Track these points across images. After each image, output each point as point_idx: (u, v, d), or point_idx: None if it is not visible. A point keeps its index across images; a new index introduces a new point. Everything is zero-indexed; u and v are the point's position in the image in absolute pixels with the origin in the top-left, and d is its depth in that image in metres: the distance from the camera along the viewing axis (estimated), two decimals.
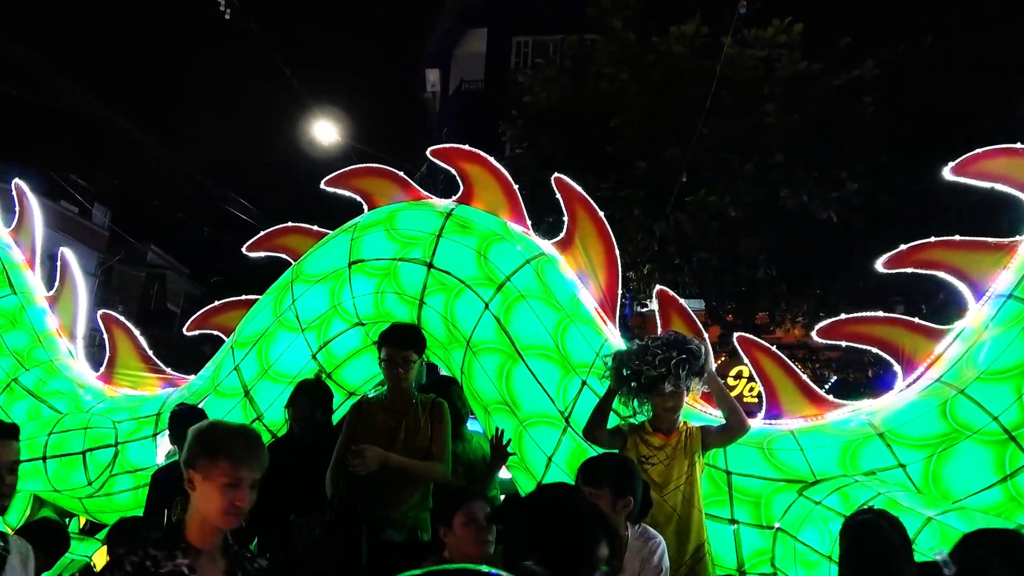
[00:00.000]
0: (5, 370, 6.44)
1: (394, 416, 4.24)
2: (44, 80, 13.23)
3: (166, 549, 2.30)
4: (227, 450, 2.34)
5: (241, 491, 2.33)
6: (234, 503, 2.32)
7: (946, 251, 4.68)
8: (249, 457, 2.37)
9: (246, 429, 2.50)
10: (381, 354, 4.30)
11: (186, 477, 2.37)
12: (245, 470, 2.35)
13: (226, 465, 2.32)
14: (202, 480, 2.34)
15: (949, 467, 4.04)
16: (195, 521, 2.37)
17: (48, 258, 7.40)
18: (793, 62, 10.81)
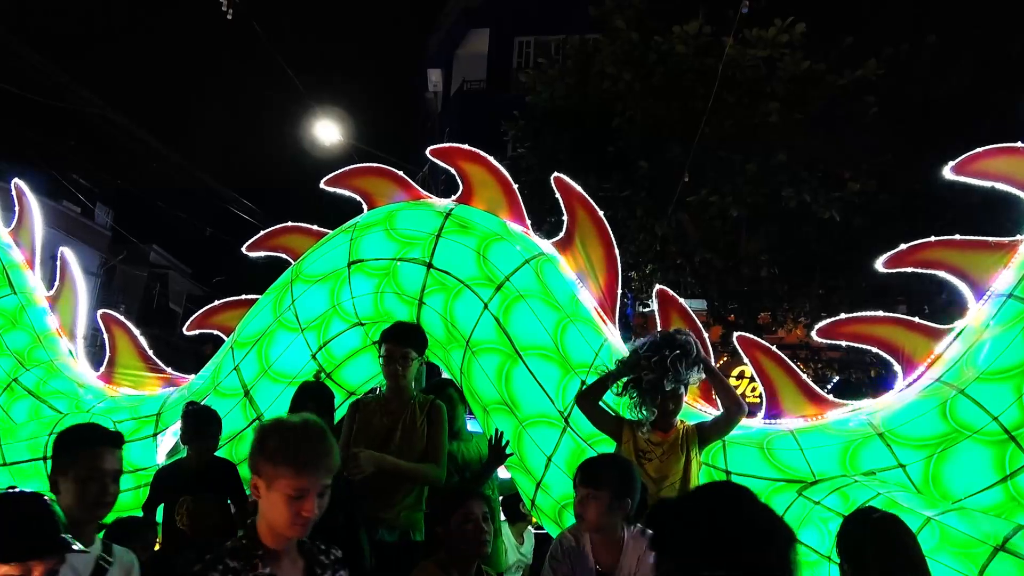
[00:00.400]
0: (6, 370, 6.45)
1: (391, 416, 4.23)
2: (46, 80, 13.24)
3: (244, 559, 2.20)
4: (290, 458, 2.18)
5: (307, 501, 2.18)
6: (300, 514, 2.18)
7: (946, 251, 4.67)
8: (315, 465, 2.21)
9: (311, 429, 2.27)
10: (381, 351, 4.31)
11: (252, 483, 2.25)
12: (310, 480, 2.19)
13: (289, 475, 2.17)
14: (266, 489, 2.21)
15: (949, 467, 4.03)
16: (264, 527, 2.26)
17: (51, 258, 7.41)
18: (795, 62, 10.79)
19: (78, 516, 2.50)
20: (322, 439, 2.25)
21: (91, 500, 2.55)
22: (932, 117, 10.42)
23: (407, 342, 4.30)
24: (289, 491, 2.17)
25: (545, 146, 12.33)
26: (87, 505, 2.55)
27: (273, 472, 2.19)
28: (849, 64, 10.77)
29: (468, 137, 7.61)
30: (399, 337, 4.31)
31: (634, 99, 11.46)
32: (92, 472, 2.56)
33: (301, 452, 2.20)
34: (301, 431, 2.25)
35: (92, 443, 2.65)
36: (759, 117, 10.82)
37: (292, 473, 2.17)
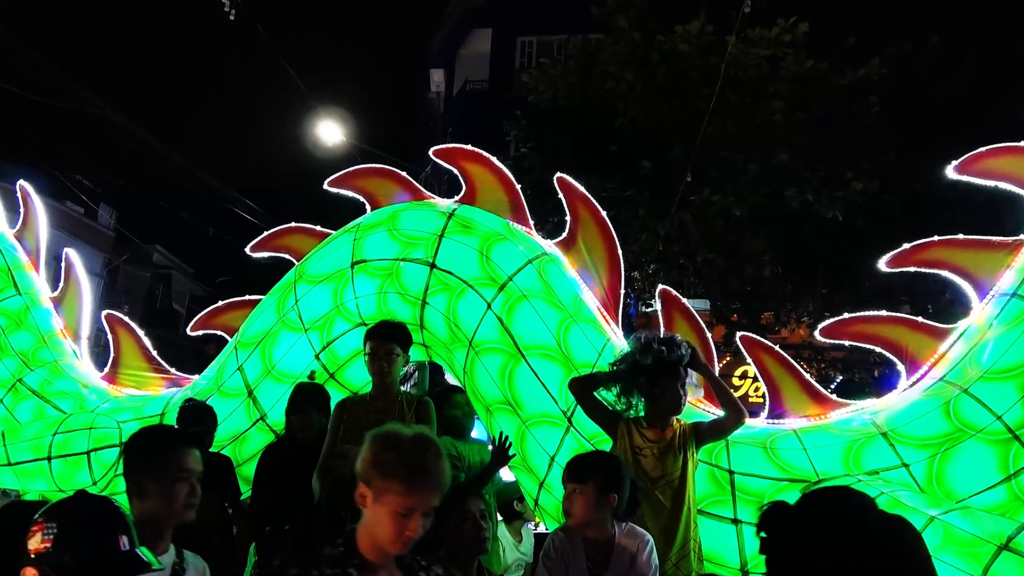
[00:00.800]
0: (10, 370, 6.47)
1: (378, 414, 4.24)
2: (50, 81, 13.27)
3: (340, 566, 2.14)
4: (404, 475, 2.10)
5: (413, 520, 2.10)
6: (404, 532, 2.11)
7: (949, 250, 4.67)
8: (427, 485, 2.13)
9: (427, 445, 2.18)
10: (366, 348, 4.35)
11: (358, 491, 2.17)
12: (420, 499, 2.11)
13: (400, 491, 2.10)
14: (373, 501, 2.14)
15: (952, 466, 4.02)
16: (365, 536, 2.18)
17: (54, 259, 7.43)
18: (798, 61, 10.78)
19: (165, 519, 2.51)
20: (438, 459, 2.18)
21: (181, 502, 2.52)
22: (935, 117, 10.41)
23: (391, 339, 4.35)
24: (397, 508, 2.10)
25: (547, 146, 12.33)
26: (177, 508, 2.51)
27: (383, 486, 2.12)
28: (852, 64, 10.76)
29: (470, 137, 7.62)
30: (384, 334, 4.36)
31: (636, 99, 11.46)
32: (181, 473, 2.53)
33: (416, 470, 2.12)
34: (420, 448, 2.16)
35: (179, 444, 2.63)
36: (762, 117, 10.81)
37: (403, 490, 2.10)
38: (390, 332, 4.40)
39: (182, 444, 2.62)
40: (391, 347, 4.30)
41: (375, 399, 4.34)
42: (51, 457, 5.79)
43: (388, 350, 4.29)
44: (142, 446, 2.64)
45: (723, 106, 10.09)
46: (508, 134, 13.38)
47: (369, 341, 4.34)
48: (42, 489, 6.02)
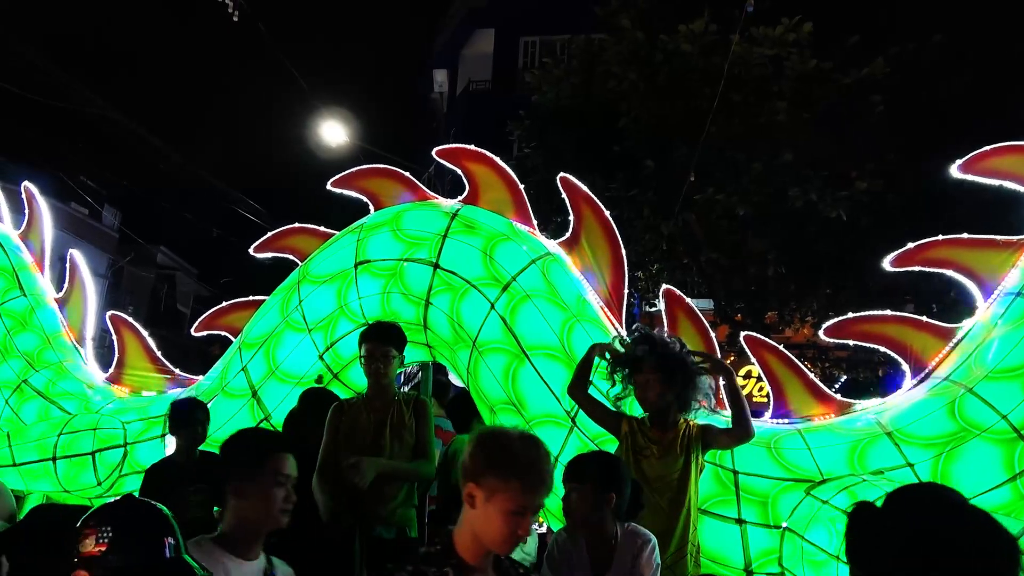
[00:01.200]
0: (15, 371, 6.48)
1: (376, 415, 4.26)
2: (54, 82, 13.30)
3: (436, 565, 2.12)
4: (521, 473, 2.07)
5: (526, 520, 2.08)
6: (516, 531, 2.09)
7: (954, 249, 4.65)
8: (541, 483, 2.10)
9: (537, 443, 2.15)
10: (361, 351, 4.33)
11: (465, 490, 2.13)
12: (534, 498, 2.08)
13: (517, 490, 2.06)
14: (484, 500, 2.09)
15: (958, 466, 4.01)
16: (467, 537, 2.14)
17: (59, 260, 7.45)
18: (802, 60, 10.76)
19: (261, 524, 2.50)
20: (548, 456, 2.16)
21: (278, 507, 2.51)
22: (939, 116, 10.38)
23: (387, 340, 4.33)
24: (512, 506, 2.06)
25: (551, 146, 12.33)
26: (273, 513, 2.50)
27: (496, 484, 2.07)
28: (856, 63, 10.73)
29: (474, 137, 7.62)
30: (379, 336, 4.34)
31: (639, 98, 11.44)
32: (279, 478, 2.52)
33: (531, 468, 2.09)
34: (532, 445, 2.14)
35: (277, 449, 2.61)
36: (765, 116, 10.79)
37: (519, 488, 2.06)
38: (385, 334, 4.37)
39: (281, 449, 2.61)
40: (387, 349, 4.29)
41: (372, 400, 4.33)
42: (56, 458, 5.80)
43: (384, 352, 4.28)
44: (240, 450, 2.62)
45: (727, 105, 10.07)
46: (511, 134, 13.37)
47: (364, 343, 4.32)
48: (47, 490, 6.03)
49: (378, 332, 4.38)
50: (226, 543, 2.45)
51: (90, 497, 5.86)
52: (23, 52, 12.24)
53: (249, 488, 2.49)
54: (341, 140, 12.97)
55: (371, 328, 4.44)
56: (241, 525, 2.47)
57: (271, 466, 2.53)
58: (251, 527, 2.49)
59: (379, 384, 4.31)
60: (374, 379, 4.31)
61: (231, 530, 2.48)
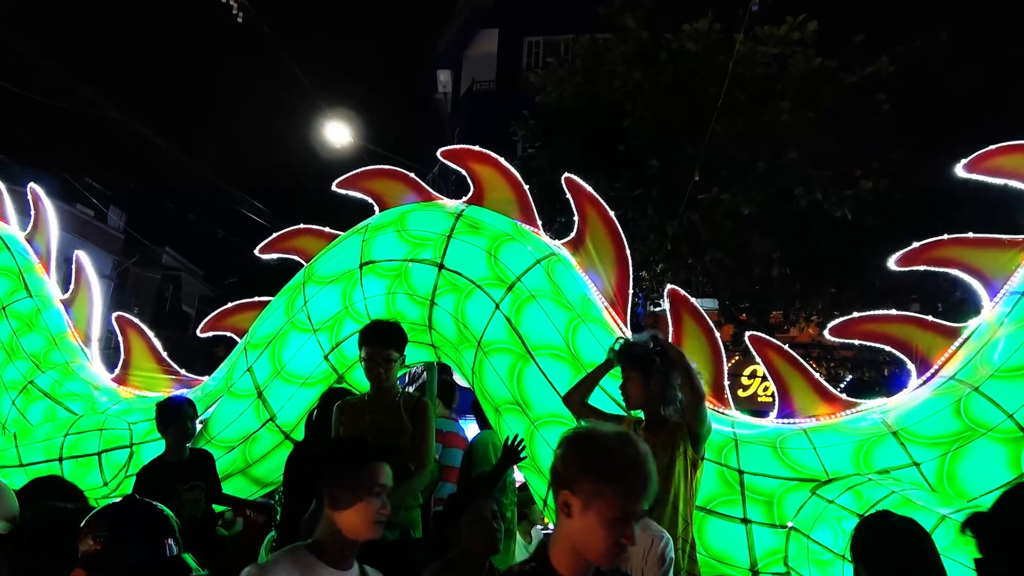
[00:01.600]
0: (22, 372, 6.51)
1: (374, 415, 4.19)
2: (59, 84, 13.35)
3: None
4: (621, 476, 1.88)
5: (630, 527, 1.88)
6: (620, 541, 1.89)
7: (959, 248, 4.64)
8: (646, 485, 1.90)
9: (635, 442, 1.96)
10: (361, 353, 4.22)
11: (559, 499, 1.94)
12: (638, 502, 1.89)
13: (617, 496, 1.87)
14: (582, 508, 1.89)
15: (964, 465, 4.00)
16: (565, 550, 1.94)
17: (64, 261, 7.47)
18: (807, 59, 10.75)
19: (357, 534, 2.46)
20: (648, 456, 1.97)
21: (373, 518, 2.46)
22: (944, 115, 10.36)
23: (388, 343, 4.22)
24: (615, 513, 1.87)
25: (555, 146, 12.32)
26: (369, 523, 2.46)
27: (595, 488, 1.88)
28: (860, 62, 10.72)
29: (478, 138, 7.63)
30: (380, 339, 4.22)
31: (644, 98, 11.44)
32: (375, 488, 2.48)
33: (633, 469, 1.90)
34: (631, 445, 1.94)
35: (374, 457, 2.57)
36: (770, 115, 10.78)
37: (623, 493, 1.88)
38: (386, 336, 4.25)
39: (378, 458, 2.57)
40: (388, 353, 4.17)
41: (372, 401, 4.27)
42: (62, 458, 5.82)
43: (385, 356, 4.16)
44: (337, 459, 2.59)
45: (731, 105, 10.07)
46: (515, 134, 13.37)
47: (364, 346, 4.21)
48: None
49: (378, 335, 4.26)
50: (320, 552, 2.41)
51: (96, 498, 5.88)
52: (28, 53, 12.28)
53: (345, 497, 2.44)
54: (345, 141, 12.98)
55: (370, 330, 4.32)
56: (336, 534, 2.43)
57: (368, 475, 2.49)
58: (346, 537, 2.44)
59: (380, 387, 4.23)
60: (375, 384, 4.23)
61: (325, 539, 2.44)
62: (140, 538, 2.11)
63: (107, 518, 2.15)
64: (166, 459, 4.90)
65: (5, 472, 6.02)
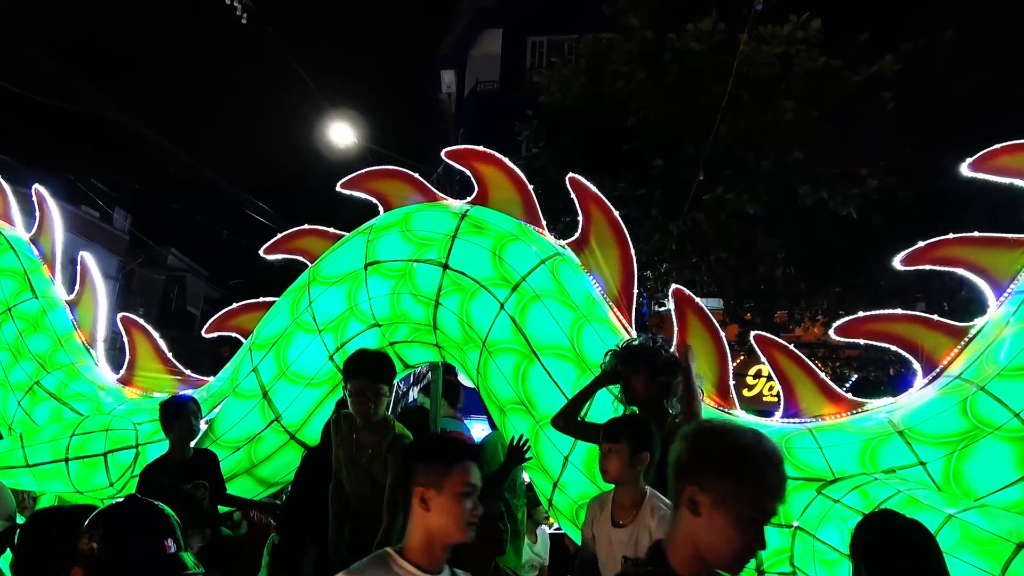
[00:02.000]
0: (28, 373, 6.52)
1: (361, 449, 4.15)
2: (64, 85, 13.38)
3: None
4: (758, 472, 1.78)
5: (763, 529, 1.79)
6: (753, 544, 1.79)
7: (965, 248, 4.62)
8: (784, 482, 1.82)
9: (770, 440, 1.84)
10: (348, 387, 4.04)
11: (683, 495, 1.82)
12: (776, 500, 1.79)
13: (755, 493, 1.77)
14: (711, 506, 1.78)
15: (970, 464, 3.98)
16: (686, 550, 1.83)
17: (70, 262, 7.49)
18: (811, 58, 10.73)
19: (447, 536, 2.36)
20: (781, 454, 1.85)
21: (465, 519, 2.36)
22: (949, 113, 10.33)
23: (380, 378, 4.06)
24: (753, 513, 1.77)
25: (559, 146, 12.33)
26: (460, 524, 2.35)
27: (730, 485, 1.77)
28: (865, 60, 10.69)
29: (482, 138, 7.63)
30: (371, 372, 4.05)
31: (648, 98, 11.43)
32: (467, 487, 2.38)
33: (771, 465, 1.80)
34: (768, 442, 1.83)
35: (466, 456, 2.46)
36: (774, 114, 10.76)
37: (761, 490, 1.78)
38: (377, 370, 4.09)
39: (470, 457, 2.47)
40: (379, 387, 4.02)
41: (358, 431, 4.15)
42: (68, 459, 5.83)
43: (376, 391, 4.01)
44: (425, 457, 2.47)
45: (736, 104, 10.05)
46: (519, 134, 13.38)
47: (353, 380, 4.02)
48: (59, 490, 6.07)
49: (369, 368, 4.08)
50: (410, 555, 2.33)
51: (102, 498, 5.90)
52: (33, 54, 12.32)
53: (435, 498, 2.34)
54: (350, 141, 13.01)
55: (359, 362, 4.13)
56: (426, 537, 2.34)
57: (458, 475, 2.37)
58: (436, 539, 2.34)
59: (368, 422, 4.09)
60: (364, 418, 4.07)
61: (415, 542, 2.35)
62: (139, 538, 2.11)
63: (106, 518, 2.15)
64: (169, 458, 4.91)
65: (12, 472, 6.05)
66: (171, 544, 2.13)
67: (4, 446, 6.29)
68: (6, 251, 7.03)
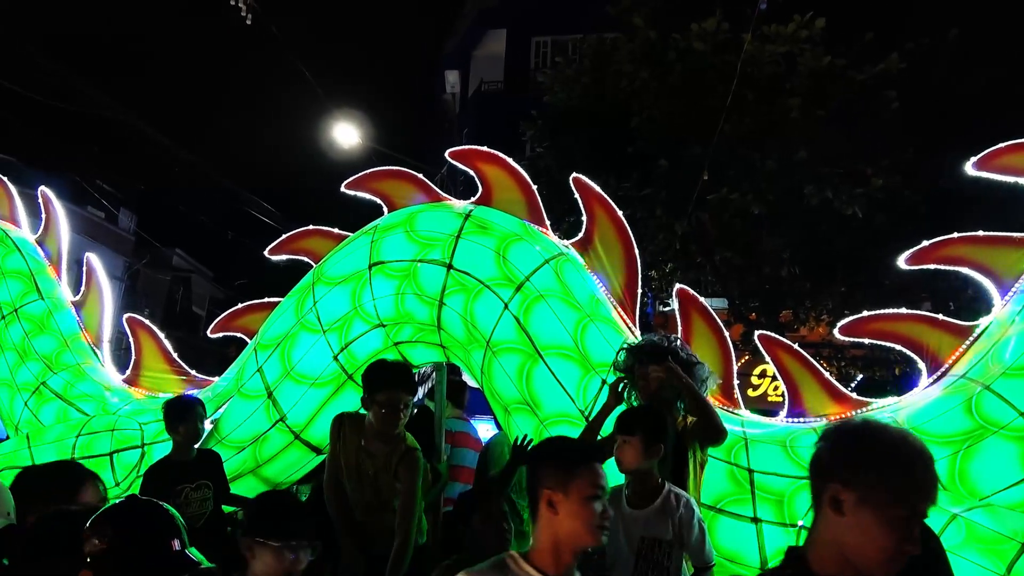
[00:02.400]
0: (34, 374, 6.55)
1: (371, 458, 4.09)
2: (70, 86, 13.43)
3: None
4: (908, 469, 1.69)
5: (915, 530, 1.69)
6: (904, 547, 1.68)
7: (970, 247, 4.62)
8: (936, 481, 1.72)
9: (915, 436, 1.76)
10: (377, 398, 3.97)
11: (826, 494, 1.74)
12: (929, 500, 1.70)
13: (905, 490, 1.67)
14: (857, 504, 1.69)
15: (975, 463, 3.98)
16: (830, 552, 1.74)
17: (76, 263, 7.52)
18: (816, 57, 10.71)
19: (576, 541, 2.25)
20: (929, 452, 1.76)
21: (596, 521, 2.27)
22: (954, 112, 10.31)
23: (409, 389, 4.05)
24: (901, 511, 1.67)
25: (563, 146, 12.32)
26: (591, 527, 2.25)
27: (878, 482, 1.67)
28: (870, 59, 10.67)
29: (486, 138, 7.64)
30: (401, 384, 4.02)
31: (652, 97, 11.43)
32: (596, 490, 2.29)
33: (927, 464, 1.72)
34: (915, 438, 1.75)
35: (593, 458, 2.38)
36: (779, 114, 10.75)
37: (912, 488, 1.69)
38: (409, 383, 4.07)
39: (597, 459, 2.40)
40: (409, 400, 4.00)
41: (367, 439, 4.09)
42: (74, 459, 5.85)
43: (407, 403, 3.99)
44: (551, 460, 2.36)
45: (740, 104, 10.04)
46: (523, 134, 13.38)
47: (385, 391, 3.96)
48: None
49: (398, 379, 4.03)
50: (536, 560, 2.23)
51: (108, 498, 5.91)
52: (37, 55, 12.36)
53: (562, 501, 2.24)
54: (354, 142, 13.01)
55: (390, 374, 4.07)
56: (553, 541, 2.23)
57: (586, 477, 2.27)
58: (564, 543, 2.23)
59: (390, 436, 4.03)
60: (390, 430, 3.99)
61: (542, 546, 2.25)
62: (145, 537, 2.12)
63: (112, 518, 2.17)
64: (173, 458, 4.92)
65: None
66: (177, 543, 2.14)
67: (11, 446, 6.31)
68: (12, 252, 7.06)
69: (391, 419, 3.96)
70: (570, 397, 4.73)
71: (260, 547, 2.49)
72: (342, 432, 4.21)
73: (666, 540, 3.34)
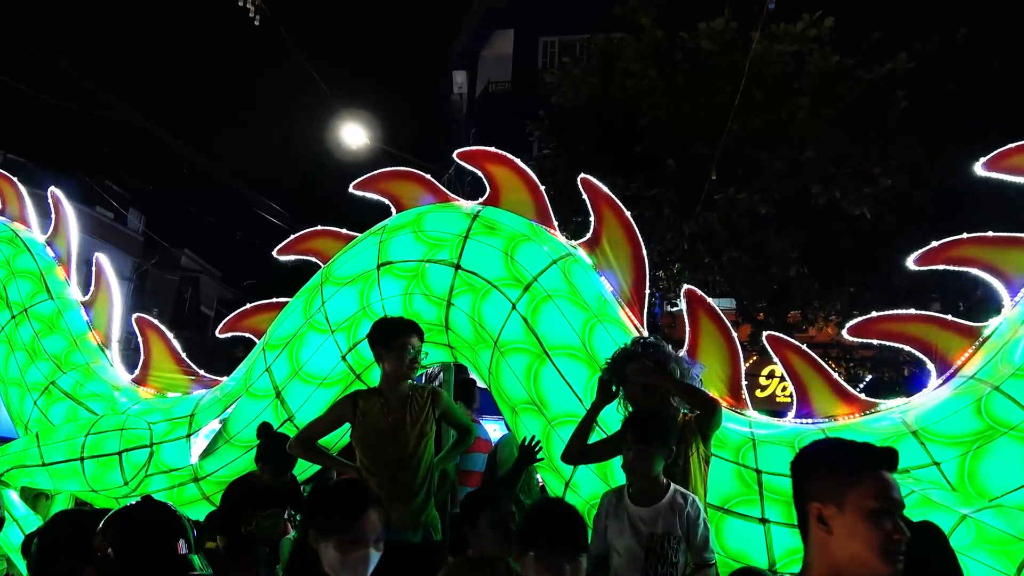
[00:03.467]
0: (44, 373, 6.58)
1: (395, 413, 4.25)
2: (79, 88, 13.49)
3: None
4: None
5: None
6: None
7: (979, 247, 4.60)
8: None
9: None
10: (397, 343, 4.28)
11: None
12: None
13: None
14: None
15: (984, 464, 3.96)
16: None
17: (85, 263, 7.55)
18: (824, 56, 10.69)
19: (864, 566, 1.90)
20: None
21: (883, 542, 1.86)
22: (963, 111, 10.27)
23: (421, 336, 4.38)
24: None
25: (571, 146, 12.31)
26: (878, 550, 1.86)
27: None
28: (878, 58, 10.64)
29: (494, 138, 7.64)
30: (415, 330, 4.35)
31: (659, 97, 11.41)
32: (882, 502, 1.91)
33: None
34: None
35: (878, 464, 1.98)
36: (787, 113, 10.72)
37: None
38: (416, 328, 4.39)
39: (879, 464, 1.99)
40: (419, 345, 4.34)
41: (386, 396, 4.30)
42: (83, 458, 5.88)
43: (417, 348, 4.33)
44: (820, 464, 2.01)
45: (748, 103, 10.02)
46: (531, 135, 13.38)
47: (399, 337, 4.28)
48: (75, 489, 6.12)
49: (410, 326, 4.38)
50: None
51: (116, 497, 5.94)
52: (48, 57, 12.42)
53: (836, 516, 1.82)
54: (362, 142, 13.03)
55: (399, 321, 4.43)
56: (830, 568, 1.82)
57: (867, 485, 1.82)
58: (843, 571, 1.82)
59: (401, 379, 4.31)
60: (407, 374, 4.31)
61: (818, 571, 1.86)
62: (151, 539, 2.13)
63: (120, 520, 2.18)
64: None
65: (28, 471, 6.10)
66: (183, 545, 2.15)
67: (20, 445, 6.35)
68: (22, 253, 7.10)
69: (411, 361, 4.27)
70: (578, 397, 4.72)
71: None
72: (357, 408, 4.30)
73: (677, 535, 3.37)
